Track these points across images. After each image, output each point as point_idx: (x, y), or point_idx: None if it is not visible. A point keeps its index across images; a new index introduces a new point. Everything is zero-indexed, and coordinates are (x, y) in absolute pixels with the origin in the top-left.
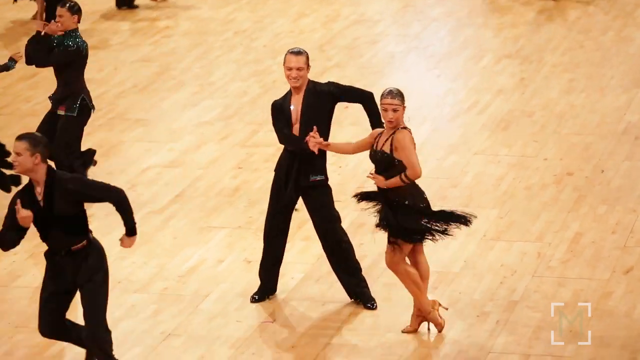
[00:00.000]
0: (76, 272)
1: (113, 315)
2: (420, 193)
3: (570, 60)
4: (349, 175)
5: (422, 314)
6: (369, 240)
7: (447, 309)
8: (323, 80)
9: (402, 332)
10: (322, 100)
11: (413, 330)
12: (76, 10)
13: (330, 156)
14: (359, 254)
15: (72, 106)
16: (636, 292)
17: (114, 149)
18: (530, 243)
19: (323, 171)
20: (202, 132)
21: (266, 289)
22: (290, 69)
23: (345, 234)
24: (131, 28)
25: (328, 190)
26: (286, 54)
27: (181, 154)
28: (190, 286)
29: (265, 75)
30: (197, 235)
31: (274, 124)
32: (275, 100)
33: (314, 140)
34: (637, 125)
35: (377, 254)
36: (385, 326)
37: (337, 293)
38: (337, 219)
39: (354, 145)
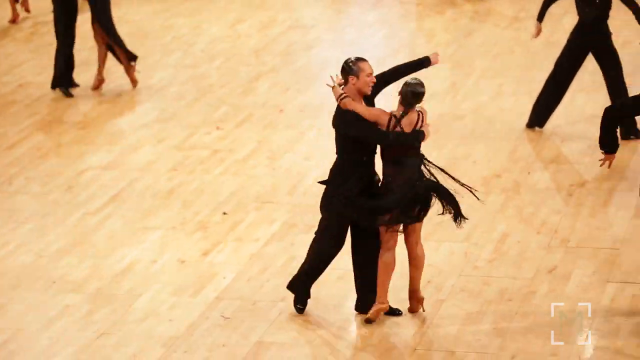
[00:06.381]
0: None
1: (48, 315)
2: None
3: (501, 65)
4: (282, 176)
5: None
6: (299, 242)
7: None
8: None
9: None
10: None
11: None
12: None
13: (264, 157)
14: (289, 254)
15: None
16: (558, 291)
17: (51, 151)
18: (458, 243)
19: None
20: (139, 135)
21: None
22: (370, 74)
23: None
24: None
25: None
26: (361, 62)
27: (118, 156)
28: (125, 286)
29: (202, 80)
30: (132, 236)
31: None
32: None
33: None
34: (563, 129)
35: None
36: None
37: (269, 293)
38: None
39: None
